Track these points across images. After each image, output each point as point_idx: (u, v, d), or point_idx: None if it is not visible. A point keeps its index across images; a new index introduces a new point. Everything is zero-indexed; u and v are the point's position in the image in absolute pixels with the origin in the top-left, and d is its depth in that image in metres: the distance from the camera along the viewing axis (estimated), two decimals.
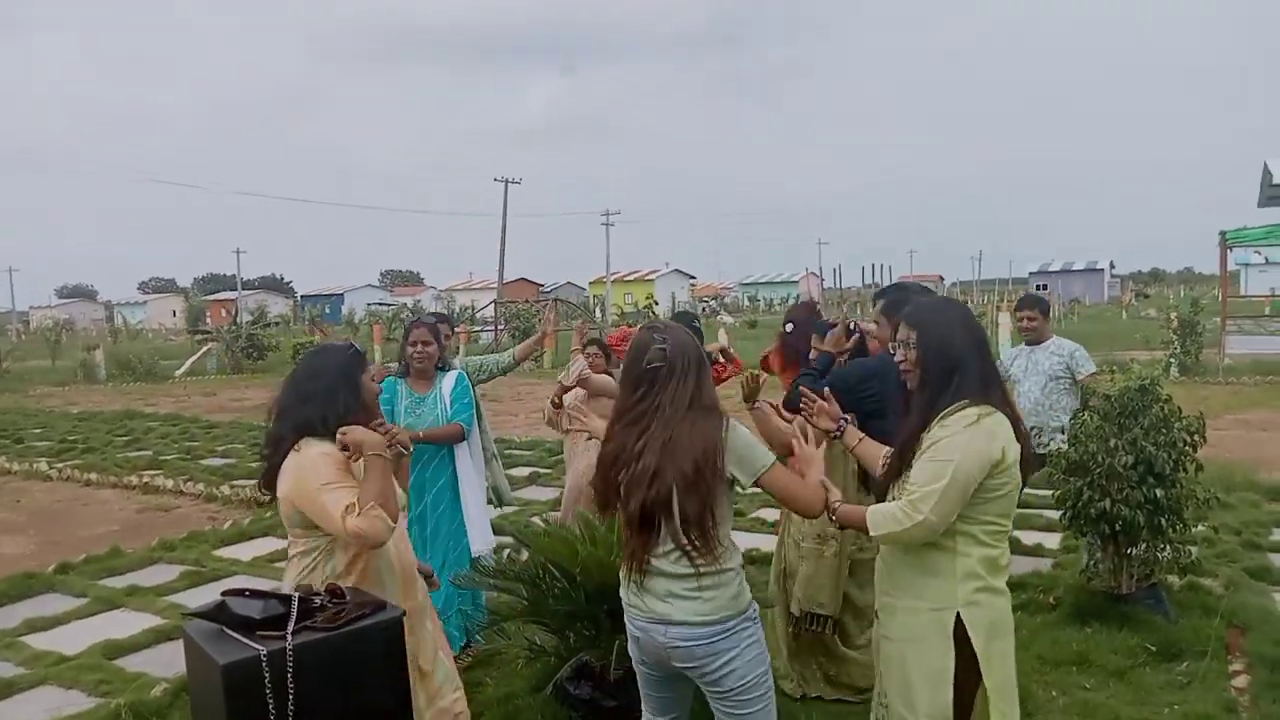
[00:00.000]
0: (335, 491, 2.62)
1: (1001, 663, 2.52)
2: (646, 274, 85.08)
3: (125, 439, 12.41)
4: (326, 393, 2.80)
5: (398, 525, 2.75)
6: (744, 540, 4.57)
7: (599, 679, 3.73)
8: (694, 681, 2.67)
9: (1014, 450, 2.46)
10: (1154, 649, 4.25)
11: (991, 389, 2.52)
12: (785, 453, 2.82)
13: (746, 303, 75.63)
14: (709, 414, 2.55)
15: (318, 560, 2.75)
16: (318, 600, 2.50)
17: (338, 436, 2.69)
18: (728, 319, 42.70)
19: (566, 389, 5.10)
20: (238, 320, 26.80)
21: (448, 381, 4.49)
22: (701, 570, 2.51)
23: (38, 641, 4.96)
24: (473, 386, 4.63)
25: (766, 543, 5.82)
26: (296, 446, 2.75)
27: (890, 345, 2.79)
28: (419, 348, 4.41)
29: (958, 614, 2.45)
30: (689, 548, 2.49)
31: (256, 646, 2.26)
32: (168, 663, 4.54)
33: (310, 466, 2.68)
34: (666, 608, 2.55)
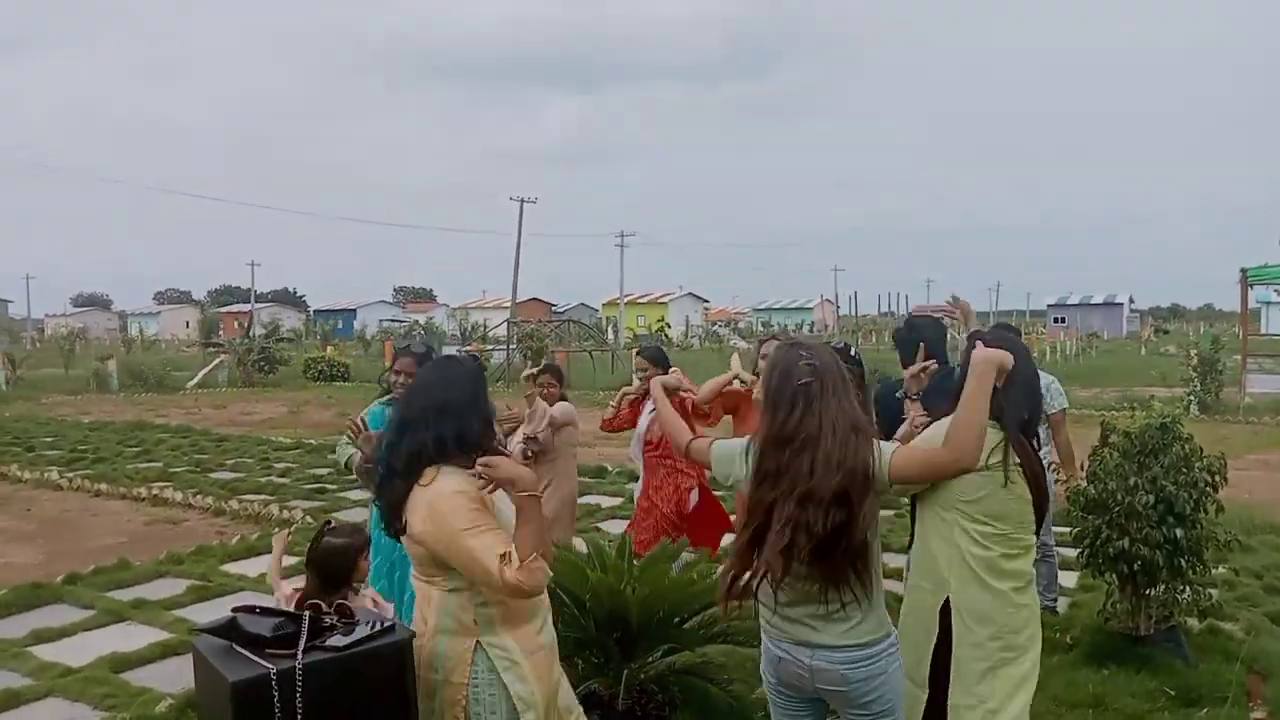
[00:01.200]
0: (482, 536, 2.37)
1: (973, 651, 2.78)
2: (659, 296, 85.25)
3: (135, 449, 12.45)
4: (460, 409, 2.53)
5: None
6: None
7: (607, 708, 3.69)
8: (825, 706, 2.72)
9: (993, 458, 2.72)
10: (1173, 693, 4.17)
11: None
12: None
13: (760, 328, 75.57)
14: (862, 434, 2.55)
15: (467, 598, 2.47)
16: (328, 620, 2.48)
17: (480, 468, 2.44)
18: (741, 344, 42.62)
19: (530, 438, 4.92)
20: (251, 333, 26.92)
21: None
22: (856, 594, 2.51)
23: (45, 653, 4.94)
24: None
25: None
26: (426, 475, 2.48)
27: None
28: (402, 377, 4.15)
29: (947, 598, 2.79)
30: (852, 572, 2.49)
31: (267, 665, 2.24)
32: (173, 678, 4.51)
33: (449, 509, 2.41)
34: (810, 631, 2.56)
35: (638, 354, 5.64)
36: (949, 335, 4.36)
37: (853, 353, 3.74)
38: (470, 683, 2.47)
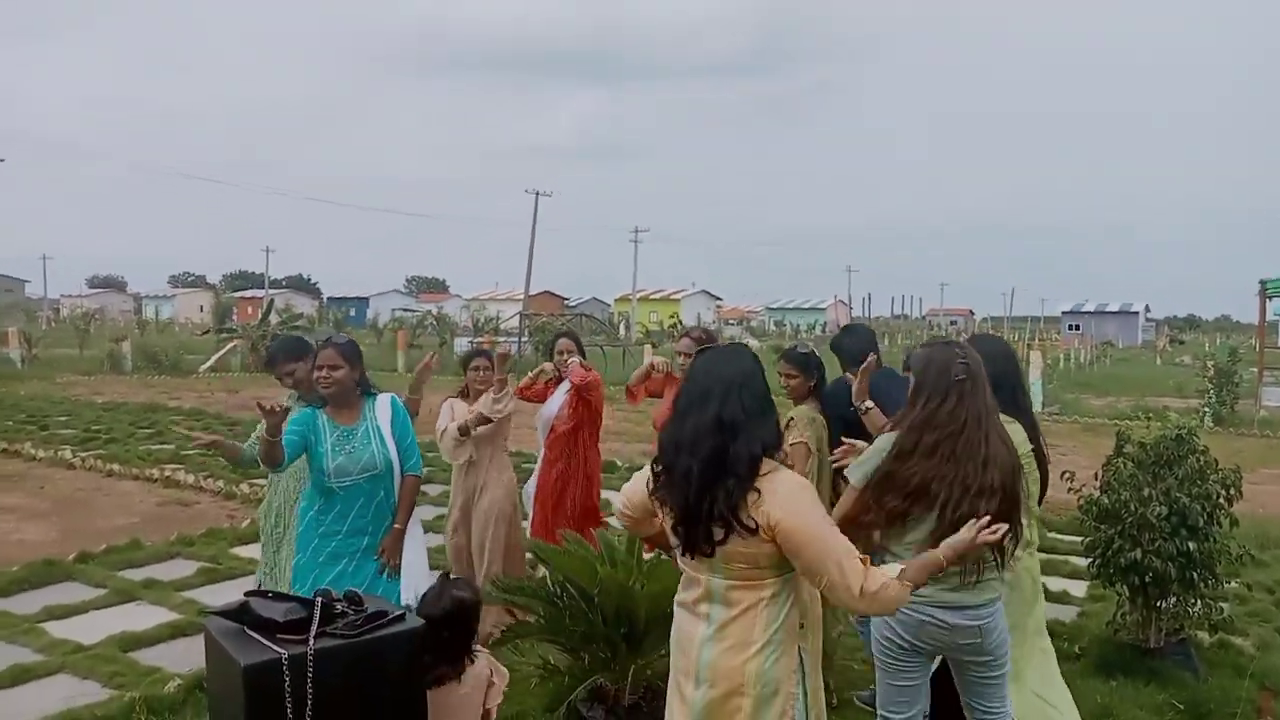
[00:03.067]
0: (839, 536, 2.31)
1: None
2: (672, 293, 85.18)
3: (148, 431, 12.52)
4: (770, 402, 2.46)
5: None
6: None
7: (613, 702, 3.70)
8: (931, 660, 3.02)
9: None
10: (1181, 707, 4.15)
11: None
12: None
13: (773, 327, 75.47)
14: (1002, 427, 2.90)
15: (794, 602, 2.41)
16: (338, 606, 2.49)
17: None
18: (753, 342, 42.57)
19: (486, 420, 4.81)
20: (266, 318, 27.03)
21: (381, 411, 3.82)
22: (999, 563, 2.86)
23: (56, 629, 4.97)
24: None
25: None
26: (764, 473, 2.35)
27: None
28: (325, 372, 3.67)
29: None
30: (1007, 549, 2.78)
31: (278, 649, 2.25)
32: (181, 658, 4.54)
33: (810, 500, 2.34)
34: (956, 595, 2.85)
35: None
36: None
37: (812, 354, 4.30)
38: (795, 693, 2.39)
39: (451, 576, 3.07)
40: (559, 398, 5.27)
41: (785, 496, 2.31)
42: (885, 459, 2.89)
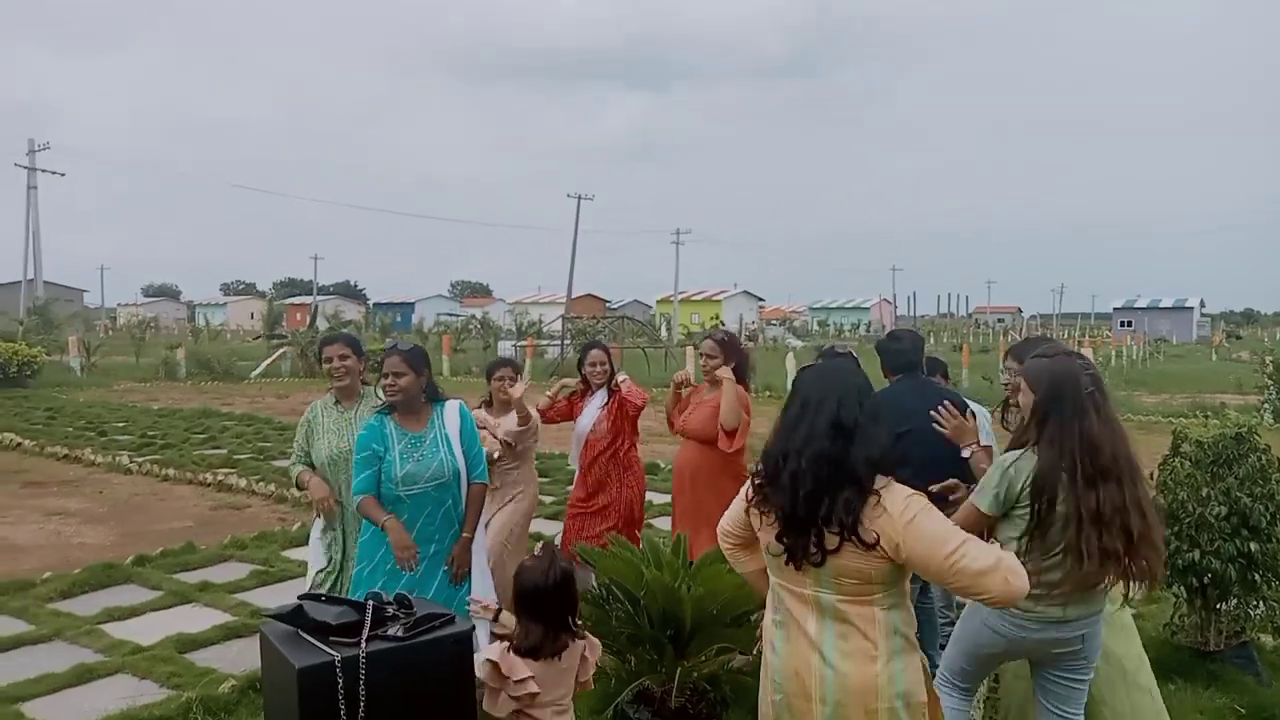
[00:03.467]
0: (970, 539, 2.29)
1: None
2: (714, 294, 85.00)
3: (202, 436, 12.79)
4: (883, 417, 2.43)
5: None
6: None
7: (659, 705, 3.70)
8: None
9: None
10: (1244, 711, 4.04)
11: None
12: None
13: (816, 327, 74.93)
14: None
15: (909, 611, 2.40)
16: (390, 609, 2.52)
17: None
18: (795, 343, 42.30)
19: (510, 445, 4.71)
20: (314, 324, 27.46)
21: (450, 418, 3.83)
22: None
23: (115, 630, 5.10)
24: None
25: None
26: (879, 486, 2.33)
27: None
28: (391, 379, 3.71)
29: None
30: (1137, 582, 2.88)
31: (331, 652, 2.29)
32: (236, 659, 4.63)
33: (934, 514, 2.30)
34: (1060, 610, 2.86)
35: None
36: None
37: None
38: (928, 700, 2.39)
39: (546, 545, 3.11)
40: (592, 412, 5.08)
41: (903, 512, 2.26)
42: (1034, 504, 2.78)
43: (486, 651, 2.81)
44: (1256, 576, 4.26)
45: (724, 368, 4.72)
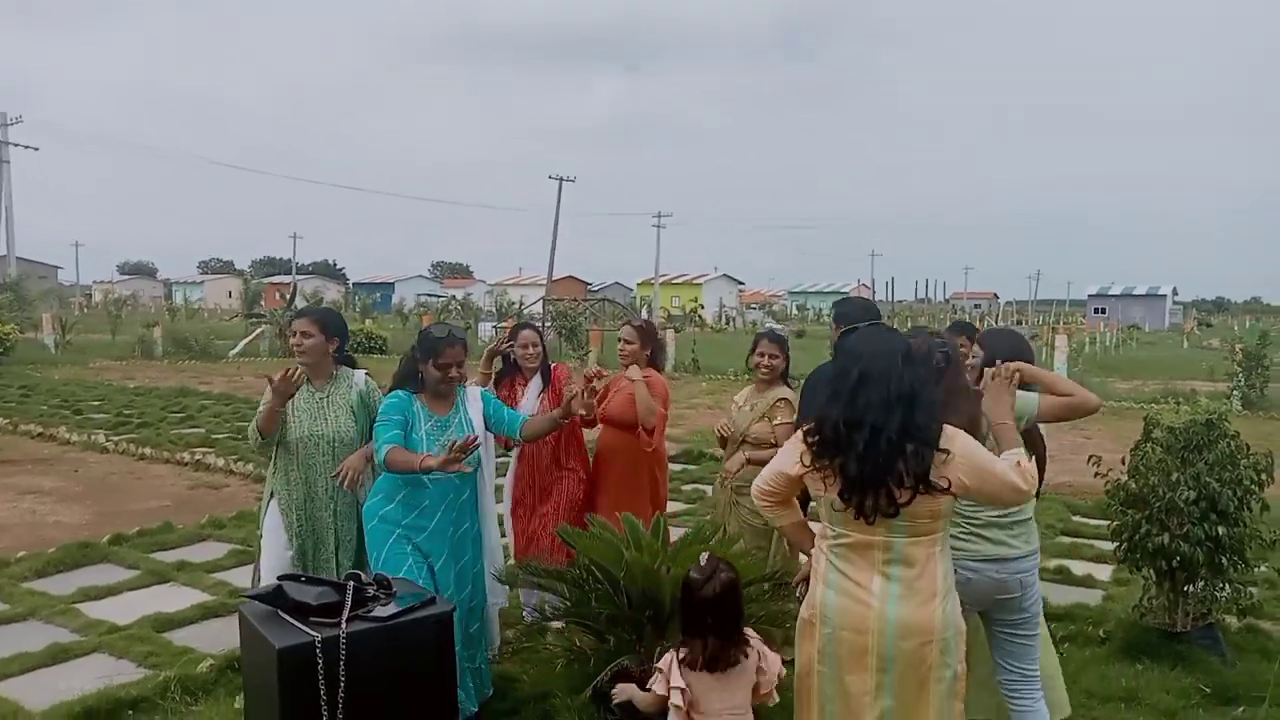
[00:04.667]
0: (994, 459, 2.59)
1: None
2: (694, 277, 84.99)
3: (179, 415, 12.69)
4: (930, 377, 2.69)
5: None
6: None
7: (638, 685, 3.72)
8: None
9: None
10: (1208, 691, 4.13)
11: None
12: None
13: (795, 311, 75.11)
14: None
15: (947, 551, 2.64)
16: (370, 590, 2.53)
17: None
18: (776, 326, 42.42)
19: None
20: (292, 304, 27.25)
21: (473, 403, 3.82)
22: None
23: (91, 610, 5.08)
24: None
25: None
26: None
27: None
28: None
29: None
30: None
31: (311, 632, 2.30)
32: (214, 639, 4.62)
33: (976, 447, 2.59)
34: (1003, 548, 3.05)
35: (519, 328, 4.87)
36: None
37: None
38: (964, 630, 2.64)
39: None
40: (530, 402, 4.71)
41: (965, 458, 2.52)
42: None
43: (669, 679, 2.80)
44: (1223, 560, 4.35)
45: (634, 367, 4.68)
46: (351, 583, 2.48)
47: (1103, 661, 4.45)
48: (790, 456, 2.70)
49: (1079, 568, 6.02)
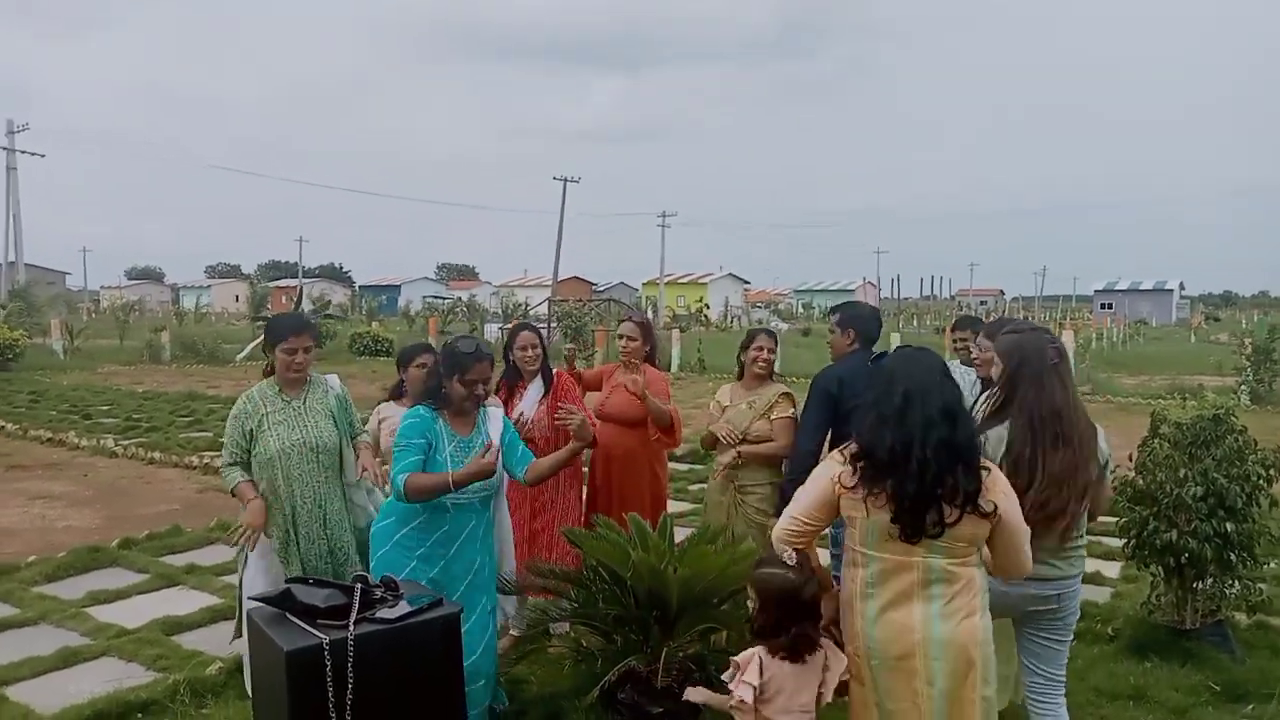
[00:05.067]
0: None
1: None
2: (700, 277, 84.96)
3: (187, 420, 12.74)
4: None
5: None
6: None
7: (645, 685, 3.73)
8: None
9: None
10: (1218, 688, 4.11)
11: None
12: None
13: (800, 309, 75.03)
14: None
15: (983, 569, 2.68)
16: (378, 592, 2.54)
17: None
18: (781, 325, 42.38)
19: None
20: (300, 307, 27.32)
21: (494, 424, 3.65)
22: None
23: (101, 614, 5.10)
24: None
25: None
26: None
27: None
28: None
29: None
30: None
31: (319, 635, 2.30)
32: (223, 642, 4.62)
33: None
34: (1042, 568, 2.95)
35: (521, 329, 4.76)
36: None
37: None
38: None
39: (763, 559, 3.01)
40: (530, 406, 4.59)
41: (1001, 484, 2.62)
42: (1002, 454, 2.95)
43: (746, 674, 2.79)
44: (1232, 556, 4.33)
45: (636, 378, 4.54)
46: (359, 585, 2.49)
47: (1111, 659, 4.43)
48: (817, 485, 2.71)
49: (1088, 565, 5.92)
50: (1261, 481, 4.38)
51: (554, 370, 4.76)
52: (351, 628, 2.31)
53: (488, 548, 3.57)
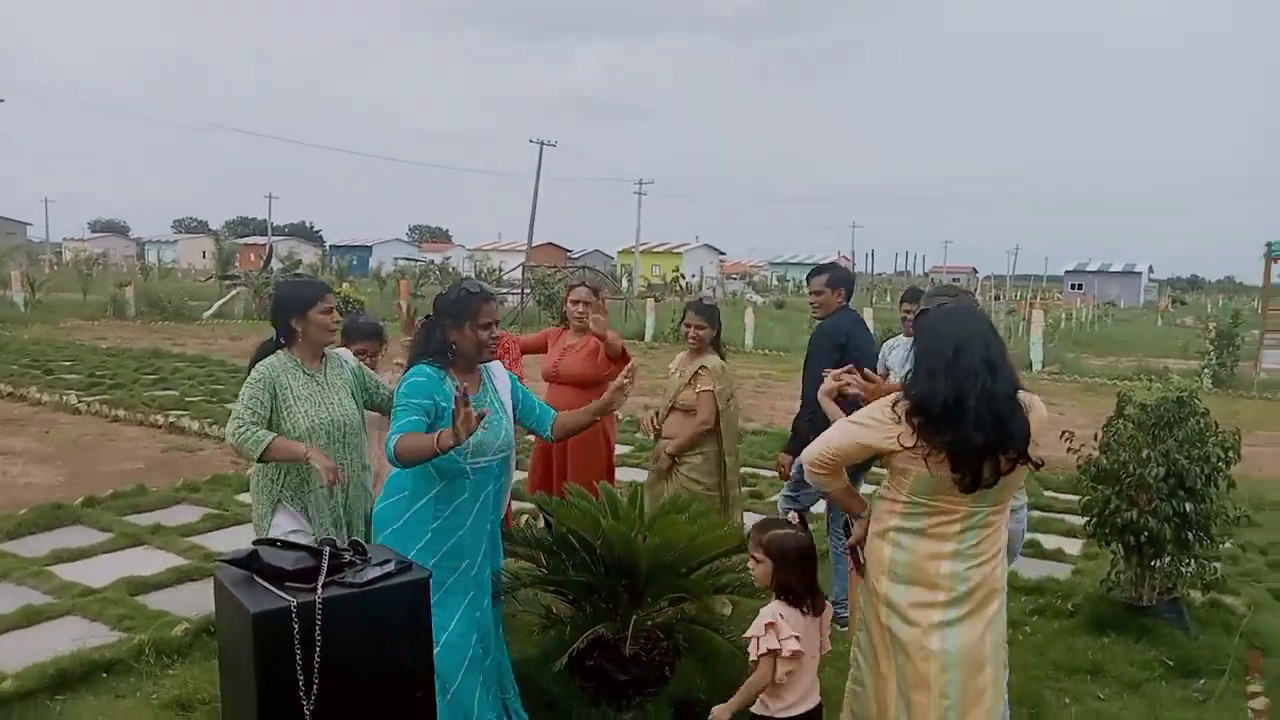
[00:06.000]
0: None
1: None
2: (675, 246, 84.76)
3: (152, 377, 12.57)
4: None
5: None
6: None
7: (614, 652, 3.76)
8: None
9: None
10: (1171, 663, 4.22)
11: None
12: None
13: (775, 282, 75.20)
14: None
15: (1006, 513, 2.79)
16: (346, 555, 2.52)
17: None
18: (755, 298, 42.45)
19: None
20: (268, 265, 26.94)
21: (500, 382, 3.39)
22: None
23: (65, 572, 5.04)
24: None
25: None
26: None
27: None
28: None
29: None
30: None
31: (287, 598, 2.29)
32: (188, 603, 4.61)
33: None
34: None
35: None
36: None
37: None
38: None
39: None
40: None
41: (1039, 423, 2.68)
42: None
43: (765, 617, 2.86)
44: (1190, 535, 4.43)
45: (599, 318, 4.68)
46: (328, 548, 2.47)
47: (1070, 634, 4.53)
48: (877, 433, 2.70)
49: (1050, 542, 6.11)
50: (1220, 463, 4.47)
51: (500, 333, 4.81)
52: (320, 591, 2.30)
53: (497, 515, 3.38)
